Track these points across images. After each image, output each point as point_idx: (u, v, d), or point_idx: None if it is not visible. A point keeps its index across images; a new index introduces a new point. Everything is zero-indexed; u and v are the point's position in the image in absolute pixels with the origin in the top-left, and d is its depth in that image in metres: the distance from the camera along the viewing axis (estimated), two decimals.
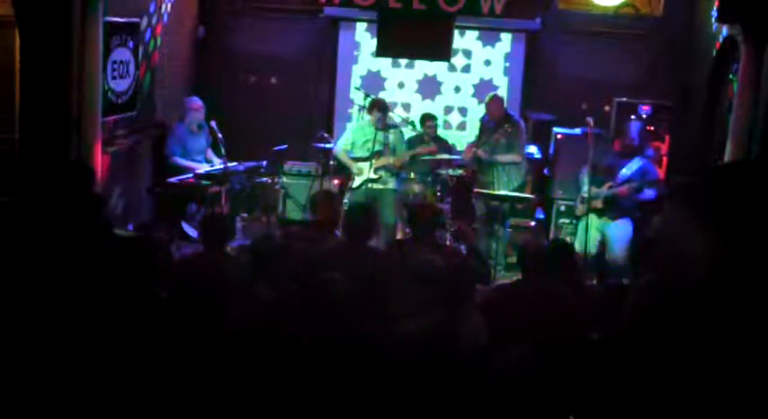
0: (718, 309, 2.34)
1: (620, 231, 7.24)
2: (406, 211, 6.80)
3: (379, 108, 7.83)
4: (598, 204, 7.35)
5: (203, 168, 7.81)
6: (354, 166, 7.94)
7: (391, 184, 7.98)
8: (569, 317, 4.43)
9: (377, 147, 7.84)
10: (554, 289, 4.59)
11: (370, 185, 7.87)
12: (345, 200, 8.04)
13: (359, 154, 7.94)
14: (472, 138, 8.72)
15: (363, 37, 9.68)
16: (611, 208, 7.30)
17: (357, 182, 7.94)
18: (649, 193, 7.34)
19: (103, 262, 4.32)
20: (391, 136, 7.95)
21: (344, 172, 8.51)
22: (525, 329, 4.12)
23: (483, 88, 9.43)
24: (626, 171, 7.43)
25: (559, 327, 4.27)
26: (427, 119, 8.70)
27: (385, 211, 7.73)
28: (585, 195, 7.35)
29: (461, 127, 9.74)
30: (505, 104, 8.36)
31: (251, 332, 3.57)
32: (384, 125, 7.89)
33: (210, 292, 4.36)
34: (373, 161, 7.83)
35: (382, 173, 7.89)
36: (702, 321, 2.41)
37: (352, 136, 8.04)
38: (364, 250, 5.03)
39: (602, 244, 7.32)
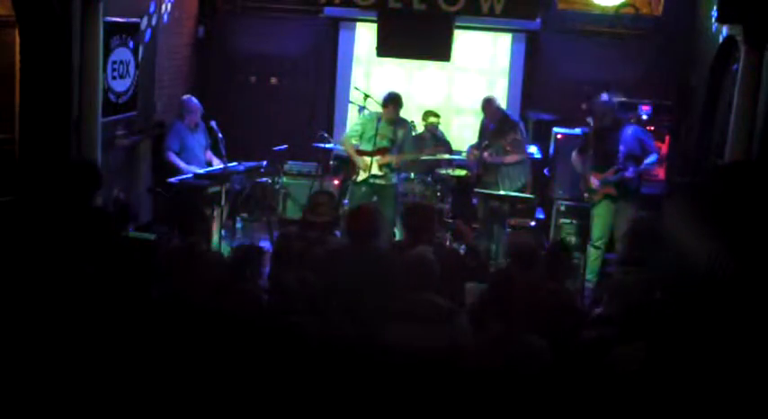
0: (718, 307, 2.34)
1: (626, 217, 7.19)
2: (402, 211, 6.81)
3: (395, 103, 7.78)
4: (611, 191, 7.26)
5: (196, 170, 7.79)
6: (360, 160, 7.87)
7: (393, 180, 7.96)
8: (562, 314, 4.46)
9: (383, 143, 7.81)
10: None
11: (372, 180, 7.85)
12: (347, 197, 8.03)
13: (363, 147, 7.91)
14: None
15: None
16: (624, 191, 7.22)
17: (362, 176, 7.90)
18: (651, 160, 7.23)
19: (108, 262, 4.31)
20: (400, 132, 7.92)
21: (344, 169, 8.49)
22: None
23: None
24: (622, 147, 7.22)
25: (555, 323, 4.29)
26: (430, 115, 8.70)
27: (385, 207, 7.72)
28: (595, 186, 7.28)
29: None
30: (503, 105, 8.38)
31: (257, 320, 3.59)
32: (396, 120, 7.87)
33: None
34: (378, 157, 7.81)
35: (386, 170, 7.86)
36: (702, 319, 2.41)
37: (361, 128, 7.98)
38: (369, 251, 5.00)
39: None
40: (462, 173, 8.44)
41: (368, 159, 7.81)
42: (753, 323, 2.25)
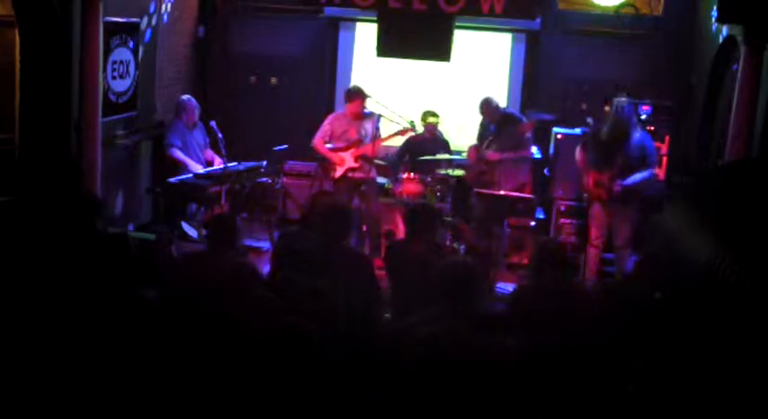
0: (717, 308, 2.34)
1: (623, 217, 7.17)
2: (405, 211, 6.81)
3: (361, 96, 7.86)
4: (602, 194, 7.20)
5: (198, 168, 7.80)
6: (335, 156, 7.96)
7: (372, 173, 8.01)
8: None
9: (354, 137, 7.89)
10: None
11: (351, 174, 7.89)
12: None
13: (337, 144, 7.98)
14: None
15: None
16: (616, 196, 7.16)
17: (339, 171, 7.97)
18: (640, 176, 7.07)
19: (92, 261, 4.26)
20: (368, 125, 7.99)
21: (323, 168, 8.53)
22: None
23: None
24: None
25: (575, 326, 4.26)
26: (429, 115, 8.71)
27: (369, 203, 7.74)
28: (589, 186, 7.26)
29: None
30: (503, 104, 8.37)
31: (263, 326, 3.59)
32: (362, 114, 7.94)
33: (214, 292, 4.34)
34: (352, 150, 7.88)
35: (362, 161, 7.93)
36: (701, 320, 2.41)
37: (330, 127, 8.07)
38: (343, 251, 5.00)
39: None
40: (462, 173, 8.45)
41: (343, 154, 7.88)
42: (754, 324, 2.25)
